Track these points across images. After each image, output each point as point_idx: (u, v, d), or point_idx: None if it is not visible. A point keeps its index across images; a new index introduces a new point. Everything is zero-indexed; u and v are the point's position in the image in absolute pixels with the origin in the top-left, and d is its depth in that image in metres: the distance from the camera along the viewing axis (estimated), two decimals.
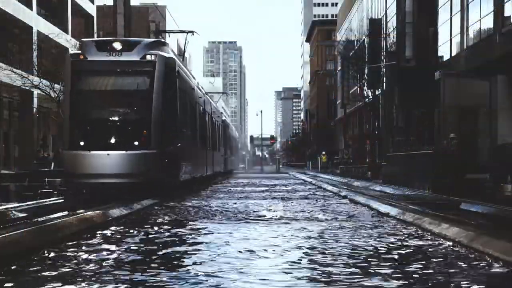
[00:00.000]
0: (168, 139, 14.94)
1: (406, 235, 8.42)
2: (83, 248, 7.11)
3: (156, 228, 9.18)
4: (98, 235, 8.28)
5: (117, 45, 14.79)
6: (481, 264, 6.11)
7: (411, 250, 7.07)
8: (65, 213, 11.11)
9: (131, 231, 8.76)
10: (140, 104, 14.70)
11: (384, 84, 41.66)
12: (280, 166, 68.27)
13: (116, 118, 14.51)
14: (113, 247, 7.17)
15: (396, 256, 6.64)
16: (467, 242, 7.14)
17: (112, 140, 14.14)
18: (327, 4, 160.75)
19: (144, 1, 69.53)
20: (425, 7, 33.32)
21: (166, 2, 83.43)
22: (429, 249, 7.13)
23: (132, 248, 7.18)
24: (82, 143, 14.07)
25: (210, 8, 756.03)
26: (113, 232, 8.62)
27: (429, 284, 5.22)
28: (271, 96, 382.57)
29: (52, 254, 6.58)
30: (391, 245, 7.43)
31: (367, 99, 46.24)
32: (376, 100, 44.02)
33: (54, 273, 5.59)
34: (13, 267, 5.84)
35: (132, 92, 14.83)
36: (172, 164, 15.48)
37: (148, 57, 14.72)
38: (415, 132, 33.39)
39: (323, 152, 64.98)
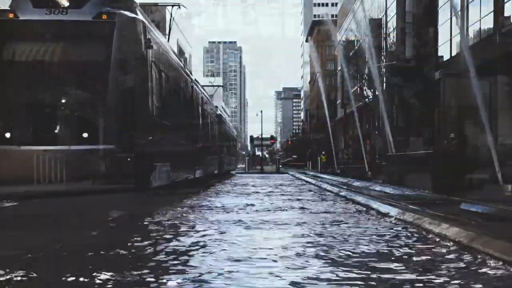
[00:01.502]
0: (133, 131, 11.30)
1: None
2: None
3: None
4: None
5: (61, 0, 11.11)
6: None
7: None
8: None
9: None
10: (91, 81, 11.10)
11: (384, 84, 41.67)
12: (280, 166, 68.20)
13: (58, 101, 10.87)
14: None
15: None
16: (467, 242, 7.14)
17: (51, 131, 10.61)
18: (327, 4, 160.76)
19: (144, 1, 69.55)
20: (425, 7, 33.35)
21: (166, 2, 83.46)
22: None
23: None
24: (7, 135, 10.61)
25: (210, 8, 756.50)
26: None
27: None
28: (271, 96, 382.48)
29: None
30: None
31: (367, 99, 46.26)
32: (376, 100, 44.02)
33: None
34: None
35: (80, 64, 11.11)
36: (139, 164, 11.34)
37: (105, 16, 10.97)
38: (415, 132, 33.39)
39: (323, 152, 64.88)
